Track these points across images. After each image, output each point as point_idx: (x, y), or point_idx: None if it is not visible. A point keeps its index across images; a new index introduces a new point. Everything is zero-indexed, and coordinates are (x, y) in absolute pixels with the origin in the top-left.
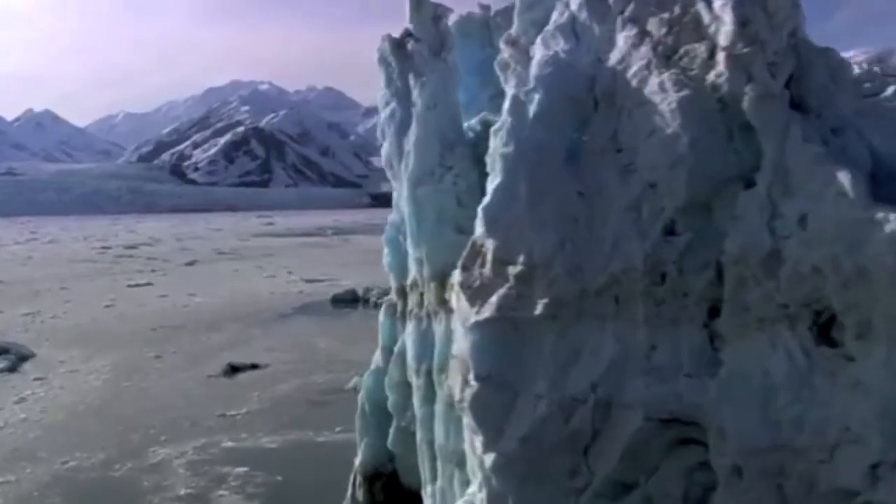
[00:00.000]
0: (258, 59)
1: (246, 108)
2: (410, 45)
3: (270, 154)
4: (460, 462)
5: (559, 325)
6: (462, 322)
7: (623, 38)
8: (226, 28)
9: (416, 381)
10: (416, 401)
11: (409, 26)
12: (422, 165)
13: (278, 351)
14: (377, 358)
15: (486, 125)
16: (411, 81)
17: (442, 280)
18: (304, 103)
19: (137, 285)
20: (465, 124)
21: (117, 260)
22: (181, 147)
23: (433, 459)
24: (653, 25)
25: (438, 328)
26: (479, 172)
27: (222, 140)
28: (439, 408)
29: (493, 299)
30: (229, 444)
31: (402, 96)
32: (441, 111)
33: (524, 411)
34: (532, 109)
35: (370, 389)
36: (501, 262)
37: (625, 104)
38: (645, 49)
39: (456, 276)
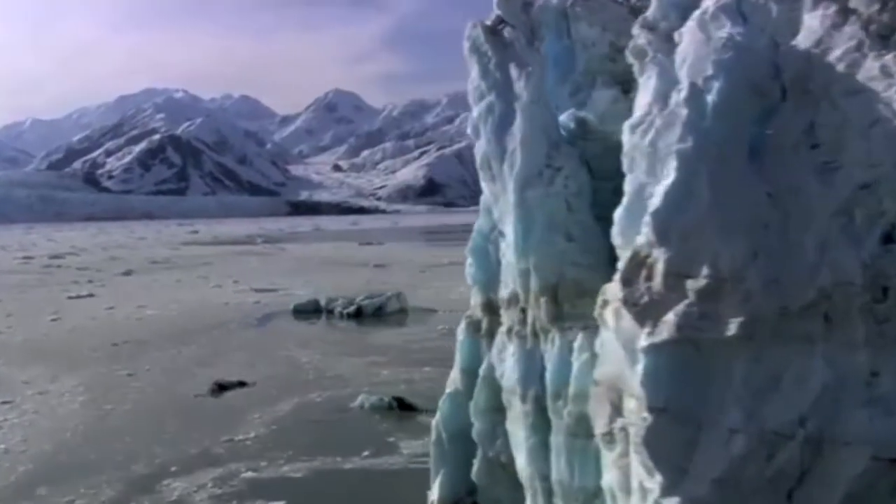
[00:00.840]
0: (172, 67)
1: (161, 115)
2: (507, 32)
3: (187, 162)
4: (587, 500)
5: (754, 347)
6: (624, 344)
7: (816, 18)
8: (138, 35)
9: (520, 408)
10: (519, 430)
11: (499, 12)
12: (529, 166)
13: (259, 366)
14: (454, 380)
15: (581, 123)
16: (513, 72)
17: (554, 294)
18: (221, 111)
19: (79, 297)
20: None
21: (47, 271)
22: (94, 155)
23: (549, 495)
24: (858, 3)
25: (550, 348)
26: (586, 173)
27: (137, 148)
28: (558, 439)
29: (671, 318)
30: (249, 474)
31: (501, 89)
32: (544, 106)
33: (713, 448)
34: (711, 99)
35: (447, 415)
36: (677, 275)
37: (826, 93)
38: (851, 29)
39: (611, 292)
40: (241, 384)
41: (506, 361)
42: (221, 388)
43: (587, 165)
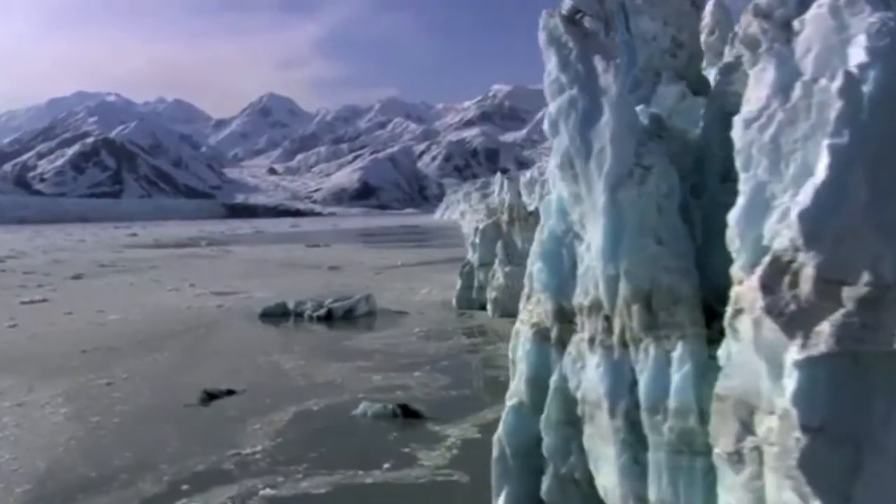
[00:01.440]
0: (103, 71)
1: (93, 119)
2: (587, 22)
3: (122, 165)
4: None
5: None
6: (767, 356)
7: None
8: (68, 39)
9: (607, 423)
10: (606, 446)
11: (572, 2)
12: (620, 164)
13: (243, 372)
14: (518, 391)
15: (656, 120)
16: (597, 64)
17: (647, 301)
18: (154, 115)
19: (32, 302)
20: None
21: None
22: (24, 157)
23: None
24: None
25: (643, 359)
26: (675, 173)
27: (70, 151)
28: (658, 456)
29: (826, 329)
30: (268, 491)
31: (584, 82)
32: (629, 100)
33: (882, 473)
34: (867, 90)
35: (511, 429)
36: (830, 281)
37: None
38: None
39: (746, 299)
40: (230, 392)
41: (586, 372)
42: (210, 396)
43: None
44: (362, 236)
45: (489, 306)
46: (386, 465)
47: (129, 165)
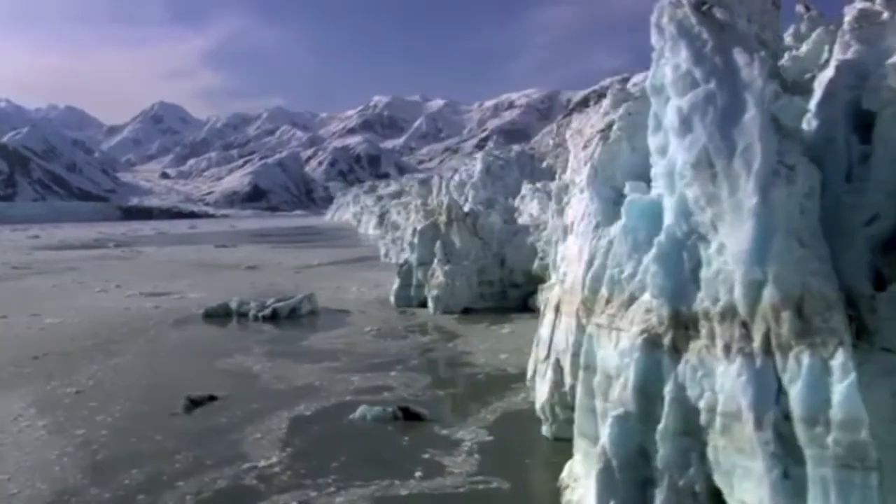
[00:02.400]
0: None
1: None
2: (719, 13)
3: (15, 169)
4: None
5: None
6: None
7: None
8: None
9: (752, 435)
10: (751, 460)
11: None
12: (768, 163)
13: (213, 377)
14: (623, 400)
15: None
16: (738, 58)
17: (798, 307)
18: (46, 121)
19: None
20: None
21: None
22: None
23: None
24: None
25: (795, 368)
26: (817, 172)
27: None
28: (822, 471)
29: None
30: None
31: (723, 76)
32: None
33: None
34: None
35: (618, 440)
36: None
37: None
38: None
39: None
40: (212, 398)
41: (713, 381)
42: (194, 403)
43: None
44: (264, 236)
45: (430, 304)
46: (417, 474)
47: (21, 170)
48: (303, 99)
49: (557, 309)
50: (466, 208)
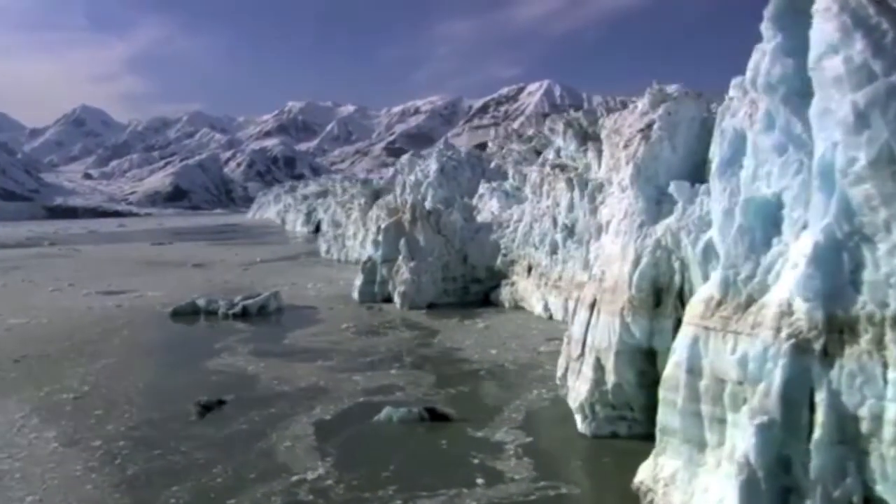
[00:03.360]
0: None
1: None
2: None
3: None
4: None
5: None
6: None
7: None
8: None
9: None
10: None
11: None
12: None
13: (210, 378)
14: (767, 406)
15: None
16: None
17: None
18: None
19: None
20: None
21: None
22: None
23: None
24: None
25: None
26: None
27: None
28: None
29: None
30: None
31: None
32: None
33: None
34: None
35: (762, 449)
36: None
37: None
38: None
39: None
40: (221, 402)
41: (875, 389)
42: (205, 408)
43: None
44: (195, 234)
45: (397, 299)
46: (480, 481)
47: None
48: (221, 103)
49: (594, 307)
50: (427, 207)
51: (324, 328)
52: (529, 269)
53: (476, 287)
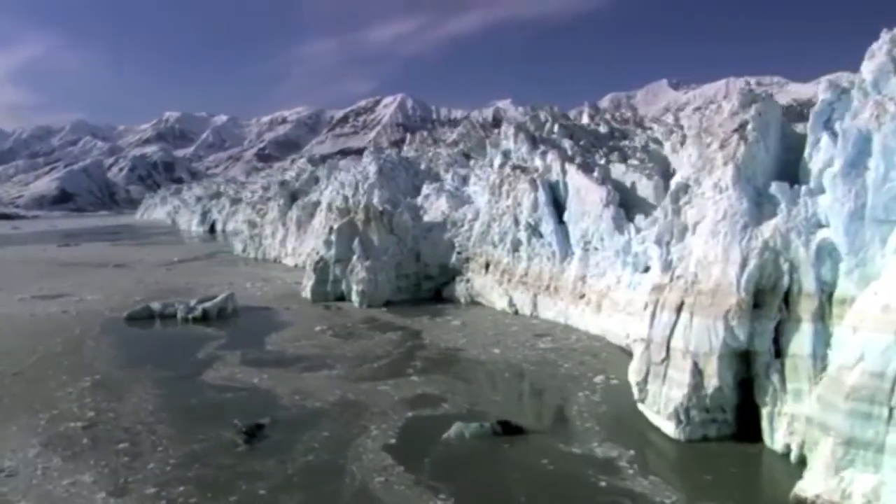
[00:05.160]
0: None
1: None
2: None
3: None
4: None
5: None
6: None
7: None
8: None
9: None
10: None
11: None
12: None
13: (222, 396)
14: None
15: None
16: None
17: None
18: None
19: None
20: None
21: None
22: None
23: None
24: None
25: None
26: None
27: None
28: None
29: None
30: None
31: None
32: None
33: None
34: None
35: None
36: None
37: None
38: None
39: None
40: (260, 426)
41: None
42: (248, 434)
43: None
44: (94, 234)
45: (355, 298)
46: None
47: None
48: (103, 113)
49: (679, 309)
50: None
51: (298, 331)
52: (487, 266)
53: (428, 284)
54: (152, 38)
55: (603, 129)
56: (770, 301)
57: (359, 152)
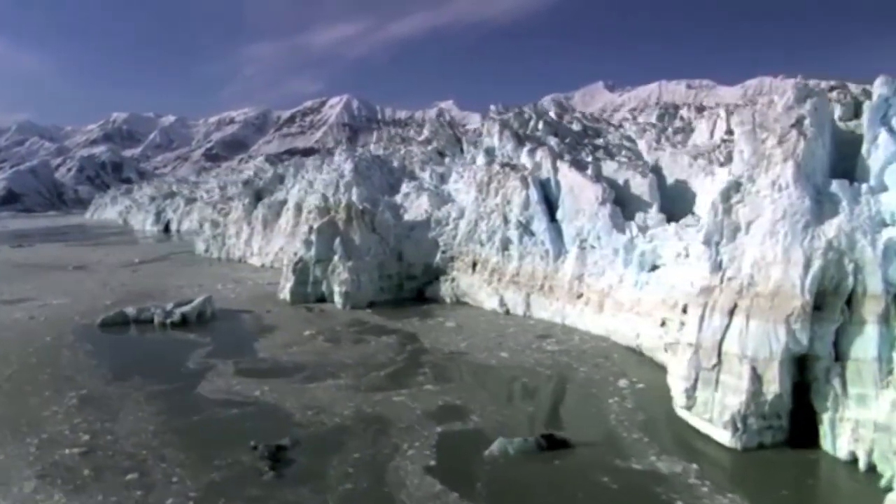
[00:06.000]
0: None
1: None
2: None
3: None
4: None
5: None
6: None
7: None
8: None
9: None
10: None
11: None
12: None
13: (228, 412)
14: None
15: None
16: None
17: None
18: None
19: None
20: None
21: None
22: None
23: None
24: None
25: None
26: None
27: None
28: None
29: None
30: None
31: None
32: None
33: None
34: None
35: None
36: None
37: None
38: None
39: None
40: (281, 448)
41: None
42: (272, 458)
43: None
44: (43, 235)
45: (338, 299)
46: None
47: None
48: (49, 113)
49: (732, 312)
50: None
51: (286, 336)
52: (474, 265)
53: (410, 284)
54: (99, 39)
55: (576, 126)
56: (832, 303)
57: (306, 152)
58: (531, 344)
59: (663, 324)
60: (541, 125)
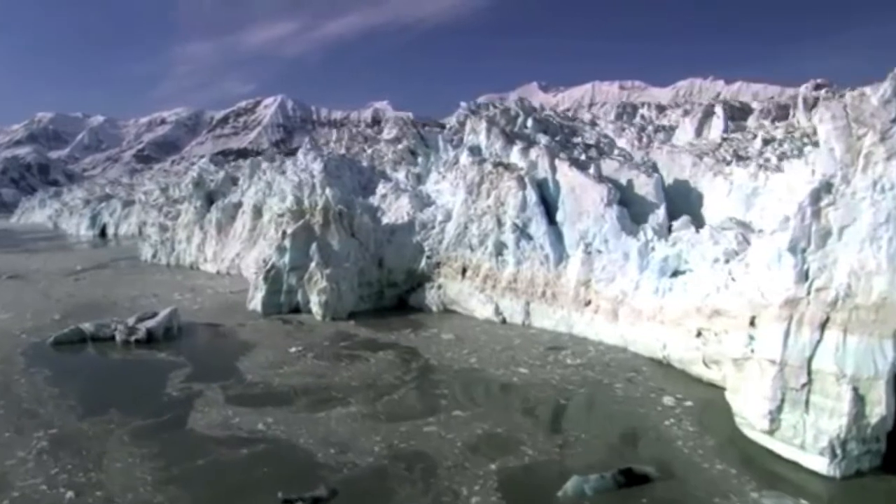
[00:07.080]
0: None
1: None
2: None
3: None
4: None
5: None
6: None
7: None
8: None
9: None
10: None
11: None
12: None
13: (241, 452)
14: None
15: None
16: None
17: None
18: None
19: None
20: None
21: None
22: None
23: None
24: None
25: None
26: None
27: None
28: None
29: None
30: None
31: None
32: None
33: None
34: None
35: None
36: None
37: None
38: None
39: None
40: (318, 501)
41: None
42: None
43: None
44: None
45: (317, 310)
46: None
47: None
48: None
49: (824, 327)
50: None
51: (270, 354)
52: (464, 271)
53: (391, 292)
54: (22, 35)
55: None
56: None
57: (240, 153)
58: (546, 357)
59: (699, 334)
60: (529, 122)
